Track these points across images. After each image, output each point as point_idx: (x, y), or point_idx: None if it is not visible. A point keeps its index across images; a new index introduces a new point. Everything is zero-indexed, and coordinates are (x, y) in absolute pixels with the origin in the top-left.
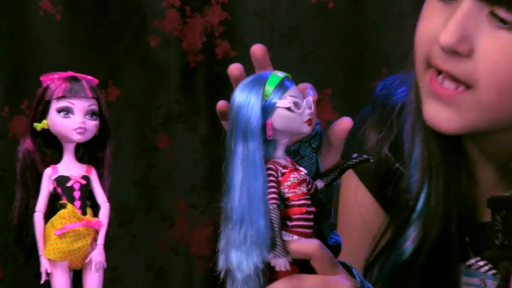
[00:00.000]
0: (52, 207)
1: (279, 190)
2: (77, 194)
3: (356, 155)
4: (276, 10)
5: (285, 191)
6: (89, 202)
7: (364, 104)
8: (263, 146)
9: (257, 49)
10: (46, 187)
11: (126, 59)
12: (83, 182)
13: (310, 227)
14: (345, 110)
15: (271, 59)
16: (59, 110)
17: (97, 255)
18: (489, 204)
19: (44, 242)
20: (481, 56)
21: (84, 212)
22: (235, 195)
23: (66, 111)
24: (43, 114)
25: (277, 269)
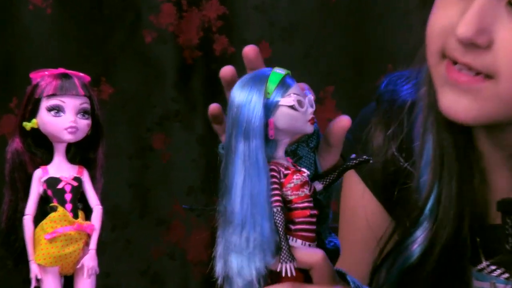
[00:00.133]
0: (42, 210)
1: (281, 193)
2: (69, 197)
3: (355, 156)
4: (277, 4)
5: (288, 193)
6: (81, 205)
7: (368, 101)
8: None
9: (250, 50)
10: (36, 189)
11: (120, 55)
12: (75, 184)
13: (313, 231)
14: (349, 109)
15: (271, 55)
16: (50, 109)
17: (89, 260)
18: (499, 207)
19: (34, 247)
20: (501, 47)
21: (76, 215)
22: (236, 198)
23: (57, 110)
24: (33, 113)
25: (283, 275)
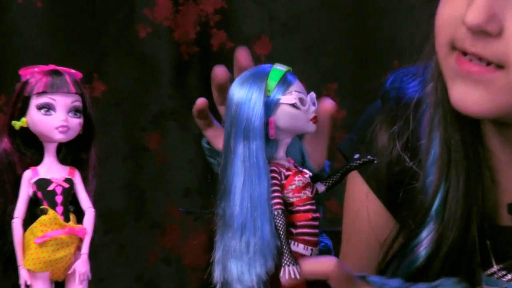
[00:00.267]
0: (32, 213)
1: (283, 195)
2: (59, 199)
3: (359, 156)
4: None
5: (289, 196)
6: (73, 208)
7: (373, 100)
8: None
9: (242, 55)
10: (25, 191)
11: (113, 51)
12: (66, 186)
13: (316, 235)
14: (353, 107)
15: (271, 51)
16: (40, 107)
17: (81, 266)
18: (510, 210)
19: (23, 251)
20: None
21: (67, 219)
22: (236, 200)
23: (47, 108)
24: (22, 111)
25: (286, 280)
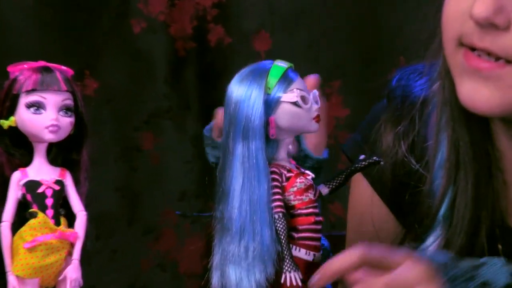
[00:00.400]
0: (21, 217)
1: (283, 197)
2: (50, 202)
3: (364, 157)
4: None
5: (291, 198)
6: (63, 211)
7: (379, 98)
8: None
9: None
10: (14, 194)
11: (106, 47)
12: (56, 188)
13: (319, 239)
14: (357, 105)
15: (271, 47)
16: (29, 105)
17: (72, 272)
18: None
19: (12, 257)
20: None
21: (58, 222)
22: (234, 203)
23: (37, 107)
24: (11, 110)
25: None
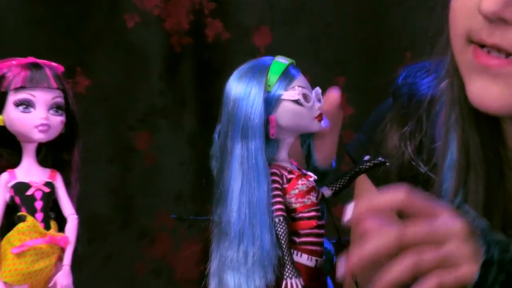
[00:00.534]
0: (9, 220)
1: (284, 200)
2: (39, 205)
3: (369, 158)
4: None
5: (292, 201)
6: (54, 214)
7: (384, 96)
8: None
9: None
10: (2, 196)
11: (98, 42)
12: (46, 190)
13: (321, 244)
14: (361, 104)
15: (272, 42)
16: (18, 104)
17: (63, 278)
18: None
19: (0, 262)
20: None
21: (48, 226)
22: (233, 206)
23: (26, 105)
24: None
25: None
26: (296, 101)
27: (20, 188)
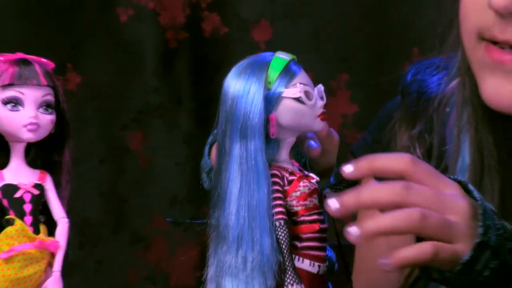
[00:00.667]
0: None
1: (285, 203)
2: (28, 208)
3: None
4: None
5: (293, 204)
6: (43, 218)
7: (389, 94)
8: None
9: None
10: None
11: (90, 38)
12: (36, 193)
13: (324, 249)
14: (366, 101)
15: (272, 37)
16: (5, 102)
17: (53, 284)
18: None
19: None
20: None
21: (37, 230)
22: (231, 209)
23: (14, 103)
24: None
25: None
26: (298, 99)
27: (8, 190)
